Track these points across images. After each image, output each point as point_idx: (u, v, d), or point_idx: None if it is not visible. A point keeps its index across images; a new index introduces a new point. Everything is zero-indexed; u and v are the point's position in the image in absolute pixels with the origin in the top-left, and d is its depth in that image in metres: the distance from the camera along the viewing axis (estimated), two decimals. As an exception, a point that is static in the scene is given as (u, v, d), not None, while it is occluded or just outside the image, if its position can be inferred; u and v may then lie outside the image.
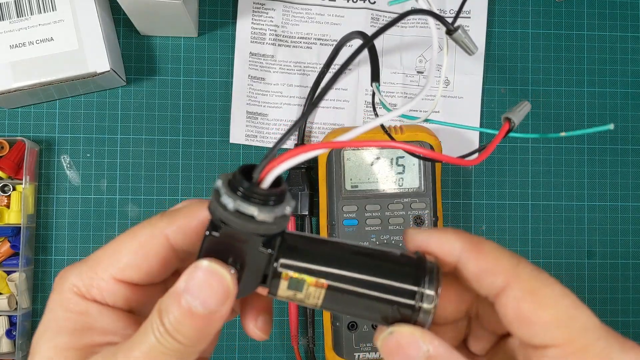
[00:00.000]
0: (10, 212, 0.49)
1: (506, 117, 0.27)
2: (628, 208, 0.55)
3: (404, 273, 0.21)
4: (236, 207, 0.20)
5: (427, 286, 0.21)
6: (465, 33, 0.29)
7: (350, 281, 0.21)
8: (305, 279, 0.21)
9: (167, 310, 0.21)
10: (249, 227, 0.20)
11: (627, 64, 0.56)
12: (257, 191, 0.20)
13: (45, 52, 0.47)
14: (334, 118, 0.54)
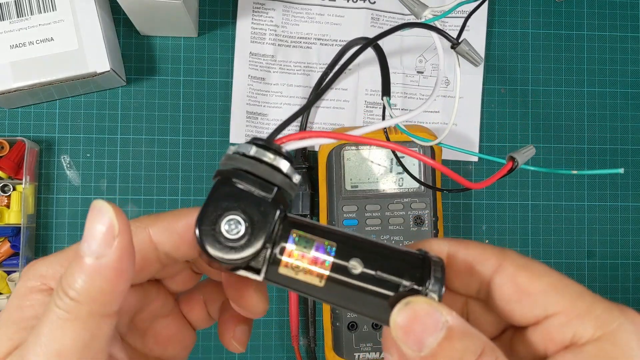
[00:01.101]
0: (10, 212, 0.49)
1: (511, 156, 0.29)
2: (628, 208, 0.55)
3: (410, 261, 0.21)
4: (256, 153, 0.20)
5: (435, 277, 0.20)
6: (468, 45, 0.30)
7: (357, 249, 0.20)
8: (314, 240, 0.20)
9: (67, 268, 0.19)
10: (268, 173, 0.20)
11: (627, 64, 0.56)
12: (274, 146, 0.20)
13: (45, 52, 0.47)
14: (334, 118, 0.54)
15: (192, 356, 0.52)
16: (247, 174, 0.20)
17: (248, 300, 0.23)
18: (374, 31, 0.54)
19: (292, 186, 0.21)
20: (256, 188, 0.20)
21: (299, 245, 0.20)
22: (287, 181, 0.20)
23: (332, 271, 0.20)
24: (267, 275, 0.20)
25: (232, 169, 0.20)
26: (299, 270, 0.20)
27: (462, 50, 0.30)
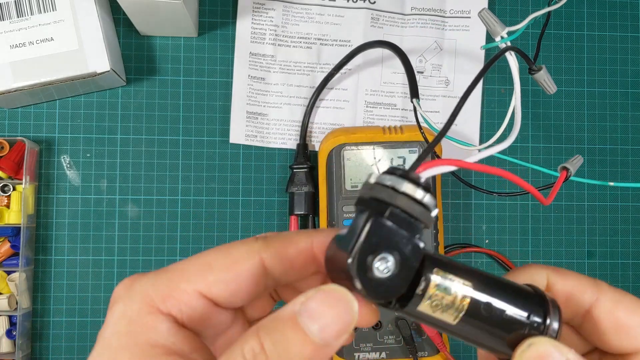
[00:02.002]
0: (10, 212, 0.49)
1: (564, 167, 0.31)
2: (628, 208, 0.55)
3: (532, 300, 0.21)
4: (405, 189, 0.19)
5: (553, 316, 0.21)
6: (547, 73, 0.31)
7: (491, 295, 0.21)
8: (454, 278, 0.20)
9: (274, 330, 0.18)
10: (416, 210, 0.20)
11: (627, 64, 0.56)
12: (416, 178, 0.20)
13: (45, 52, 0.47)
14: (334, 118, 0.54)
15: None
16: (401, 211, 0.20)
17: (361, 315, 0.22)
18: (374, 31, 0.54)
19: (432, 221, 0.21)
20: (407, 226, 0.20)
21: (441, 285, 0.20)
22: (431, 217, 0.20)
23: (467, 311, 0.20)
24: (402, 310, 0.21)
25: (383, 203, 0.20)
26: (437, 308, 0.20)
27: (540, 77, 0.31)
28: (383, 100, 0.54)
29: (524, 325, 0.21)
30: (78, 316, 0.51)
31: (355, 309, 0.19)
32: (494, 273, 0.56)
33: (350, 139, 0.48)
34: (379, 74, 0.54)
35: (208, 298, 0.21)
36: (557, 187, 0.30)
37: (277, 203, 0.53)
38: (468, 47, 0.54)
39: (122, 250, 0.52)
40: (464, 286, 0.20)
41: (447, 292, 0.20)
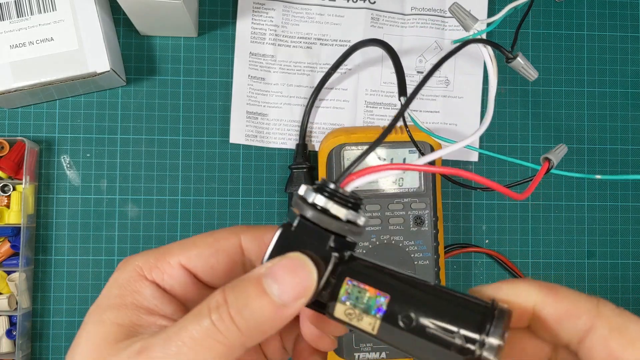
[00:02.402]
0: (10, 212, 0.49)
1: (546, 157, 0.29)
2: (628, 208, 0.55)
3: (469, 316, 0.20)
4: (315, 199, 0.21)
5: (492, 333, 0.19)
6: (524, 60, 0.30)
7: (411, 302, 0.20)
8: (365, 290, 0.21)
9: (239, 287, 0.20)
10: (325, 221, 0.21)
11: (627, 64, 0.56)
12: (335, 190, 0.21)
13: (45, 52, 0.47)
14: (334, 118, 0.54)
15: None
16: (307, 221, 0.21)
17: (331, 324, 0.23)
18: (374, 31, 0.54)
19: (352, 230, 0.21)
20: (317, 235, 0.21)
21: (352, 295, 0.21)
22: (346, 227, 0.21)
23: (382, 322, 0.20)
24: (328, 314, 0.22)
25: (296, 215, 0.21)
26: (352, 317, 0.21)
27: (517, 65, 0.30)
28: (383, 100, 0.54)
29: (451, 341, 0.19)
30: (78, 316, 0.51)
31: (314, 277, 0.20)
32: (494, 273, 0.57)
33: (350, 139, 0.48)
34: (379, 74, 0.54)
35: (189, 270, 0.24)
36: (538, 179, 0.28)
37: (277, 203, 0.53)
38: (468, 47, 0.54)
39: (122, 250, 0.52)
40: (377, 297, 0.20)
41: (359, 302, 0.20)
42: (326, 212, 0.21)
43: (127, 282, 0.23)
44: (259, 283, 0.20)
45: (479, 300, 0.21)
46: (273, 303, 0.20)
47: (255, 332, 0.20)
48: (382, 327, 0.20)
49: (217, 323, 0.20)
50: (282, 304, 0.20)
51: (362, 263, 0.22)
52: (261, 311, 0.20)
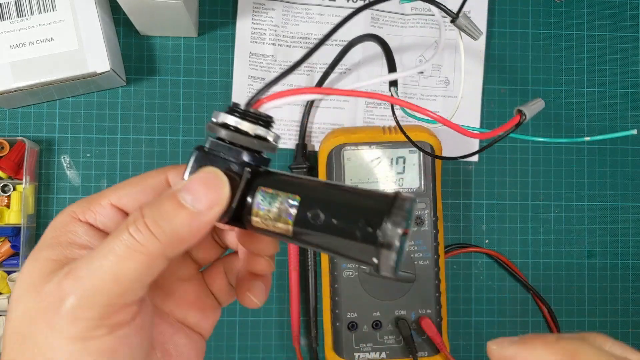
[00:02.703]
0: (10, 212, 0.49)
1: (518, 110, 0.27)
2: (628, 208, 0.55)
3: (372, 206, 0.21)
4: (224, 119, 0.23)
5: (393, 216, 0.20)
6: (467, 19, 0.30)
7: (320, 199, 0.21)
8: (277, 195, 0.22)
9: (155, 202, 0.21)
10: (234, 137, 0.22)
11: (627, 64, 0.56)
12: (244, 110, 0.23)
13: (45, 52, 0.47)
14: (334, 118, 0.54)
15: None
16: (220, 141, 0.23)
17: (261, 241, 0.25)
18: (374, 31, 0.54)
19: (262, 145, 0.23)
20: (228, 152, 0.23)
21: (265, 201, 0.22)
22: (255, 141, 0.23)
23: (295, 222, 0.21)
24: (249, 228, 0.23)
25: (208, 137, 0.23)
26: (268, 222, 0.22)
27: (460, 24, 0.30)
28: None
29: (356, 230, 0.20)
30: (78, 316, 0.51)
31: (225, 186, 0.22)
32: (494, 273, 0.57)
33: (350, 139, 0.48)
34: (379, 74, 0.54)
35: (119, 208, 0.25)
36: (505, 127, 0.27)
37: (277, 203, 0.53)
38: (468, 47, 0.54)
39: (122, 250, 0.52)
40: (288, 199, 0.21)
41: (272, 207, 0.22)
42: (236, 130, 0.23)
43: (61, 224, 0.24)
44: (174, 197, 0.21)
45: (383, 193, 0.22)
46: (187, 211, 0.21)
47: (174, 240, 0.21)
48: (296, 227, 0.21)
49: (135, 234, 0.21)
50: (196, 211, 0.21)
51: (276, 175, 0.23)
52: (177, 219, 0.21)
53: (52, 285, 0.21)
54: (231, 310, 0.52)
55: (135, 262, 0.21)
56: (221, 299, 0.29)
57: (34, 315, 0.21)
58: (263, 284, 0.27)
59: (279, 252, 0.27)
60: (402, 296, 0.48)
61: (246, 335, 0.52)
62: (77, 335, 0.20)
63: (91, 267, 0.21)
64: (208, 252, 0.29)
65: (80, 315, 0.20)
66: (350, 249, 0.21)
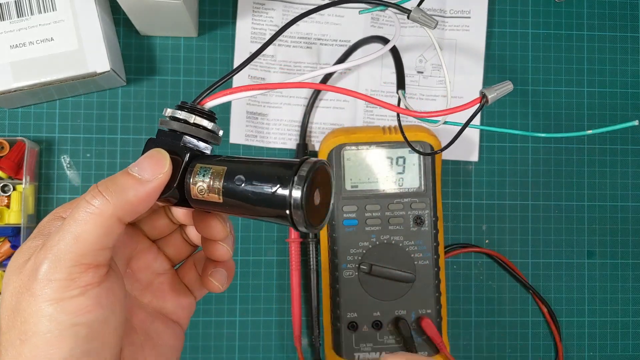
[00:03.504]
0: (10, 212, 0.49)
1: (481, 92, 0.28)
2: (628, 208, 0.55)
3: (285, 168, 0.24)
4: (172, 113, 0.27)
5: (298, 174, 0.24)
6: (419, 11, 0.31)
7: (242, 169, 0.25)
8: (210, 167, 0.26)
9: (107, 178, 0.25)
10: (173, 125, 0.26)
11: (627, 64, 0.56)
12: (192, 106, 0.27)
13: (45, 52, 0.47)
14: (334, 118, 0.54)
15: (192, 356, 0.53)
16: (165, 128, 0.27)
17: (211, 226, 0.28)
18: (374, 31, 0.54)
19: (199, 131, 0.27)
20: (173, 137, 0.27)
21: (199, 174, 0.26)
22: (193, 128, 0.26)
23: (223, 188, 0.25)
24: (192, 203, 0.27)
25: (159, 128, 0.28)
26: (203, 192, 0.26)
27: (414, 17, 0.31)
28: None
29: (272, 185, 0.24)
30: (78, 316, 0.51)
31: (166, 159, 0.25)
32: (494, 273, 0.57)
33: (350, 139, 0.48)
34: (379, 74, 0.54)
35: None
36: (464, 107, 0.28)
37: (277, 203, 0.53)
38: (468, 47, 0.54)
39: (122, 250, 0.52)
40: (219, 169, 0.25)
41: (205, 177, 0.26)
42: (175, 119, 0.27)
43: (45, 222, 0.26)
44: (124, 170, 0.25)
45: (295, 159, 0.25)
46: (134, 178, 0.25)
47: (123, 202, 0.24)
48: (224, 191, 0.25)
49: (89, 199, 0.24)
50: (141, 178, 0.25)
51: (211, 156, 0.27)
52: (125, 184, 0.25)
53: (31, 260, 0.24)
54: (231, 310, 0.52)
55: (92, 224, 0.24)
56: (194, 291, 0.32)
57: (19, 290, 0.24)
58: (224, 270, 0.30)
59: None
60: (402, 296, 0.48)
61: (246, 335, 0.52)
62: (52, 297, 0.23)
63: (57, 235, 0.24)
64: (179, 250, 0.32)
65: (52, 277, 0.23)
66: (267, 205, 0.24)
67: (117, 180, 0.25)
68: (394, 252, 0.48)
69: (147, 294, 0.31)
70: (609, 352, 0.55)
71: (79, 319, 0.24)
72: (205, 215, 0.29)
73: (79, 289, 0.24)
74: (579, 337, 0.55)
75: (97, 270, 0.24)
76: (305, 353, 0.52)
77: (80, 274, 0.24)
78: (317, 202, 0.25)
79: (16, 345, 0.23)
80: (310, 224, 0.24)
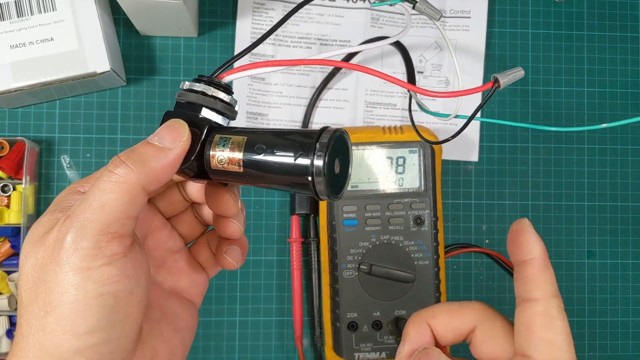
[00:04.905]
0: (10, 212, 0.49)
1: (494, 77, 0.28)
2: (628, 208, 0.55)
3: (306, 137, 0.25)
4: (190, 85, 0.28)
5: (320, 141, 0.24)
6: (424, 3, 0.31)
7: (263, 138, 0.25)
8: (230, 137, 0.26)
9: (128, 149, 0.25)
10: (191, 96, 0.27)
11: (627, 64, 0.56)
12: (208, 79, 0.28)
13: (45, 52, 0.47)
14: (334, 118, 0.54)
15: (192, 356, 0.53)
16: (182, 99, 0.27)
17: (223, 202, 0.28)
18: (374, 31, 0.54)
19: (215, 103, 0.27)
20: (191, 108, 0.27)
21: (219, 144, 0.26)
22: (211, 99, 0.27)
23: (244, 157, 0.25)
24: (211, 175, 0.26)
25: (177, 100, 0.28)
26: (223, 163, 0.26)
27: (420, 8, 0.32)
28: (383, 100, 0.54)
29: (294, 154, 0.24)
30: (78, 316, 0.51)
31: (185, 127, 0.25)
32: (494, 273, 0.57)
33: (350, 139, 0.48)
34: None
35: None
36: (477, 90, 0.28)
37: (277, 203, 0.53)
38: (468, 47, 0.54)
39: (122, 250, 0.52)
40: (239, 139, 0.25)
41: (225, 147, 0.25)
42: (192, 90, 0.27)
43: (62, 196, 0.26)
44: (144, 141, 0.25)
45: (315, 130, 0.25)
46: (155, 146, 0.25)
47: (146, 170, 0.24)
48: (245, 160, 0.25)
49: (113, 170, 0.24)
50: (161, 146, 0.25)
51: (230, 127, 0.27)
52: (146, 152, 0.25)
53: (54, 231, 0.24)
54: (231, 310, 0.52)
55: (117, 192, 0.24)
56: (207, 269, 0.33)
57: (42, 262, 0.24)
58: (238, 247, 0.30)
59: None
60: (402, 296, 0.48)
61: (246, 335, 0.52)
62: (79, 265, 0.23)
63: (82, 205, 0.24)
64: (192, 228, 0.33)
65: (79, 245, 0.23)
66: (289, 173, 0.24)
67: (139, 150, 0.25)
68: (394, 252, 0.48)
69: (162, 271, 0.31)
70: (609, 352, 0.55)
71: (106, 289, 0.23)
72: (217, 191, 0.28)
73: (106, 258, 0.24)
74: (579, 337, 0.55)
75: (123, 240, 0.24)
76: (305, 353, 0.52)
77: (107, 242, 0.24)
78: (337, 170, 0.25)
79: (40, 317, 0.23)
80: (332, 192, 0.24)
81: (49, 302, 0.23)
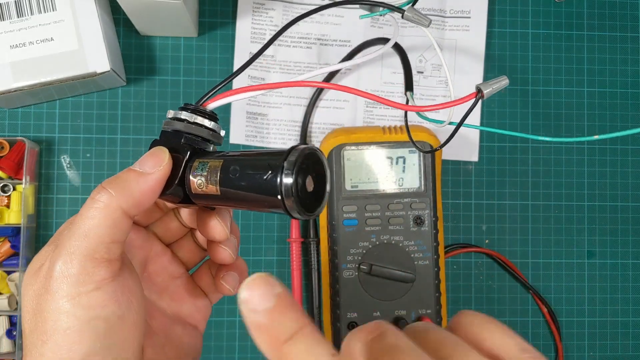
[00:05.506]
0: (10, 212, 0.49)
1: (477, 87, 0.29)
2: (628, 208, 0.55)
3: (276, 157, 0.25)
4: (175, 114, 0.28)
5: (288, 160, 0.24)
6: (412, 11, 0.32)
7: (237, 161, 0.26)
8: (208, 162, 0.27)
9: (112, 177, 0.26)
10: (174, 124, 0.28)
11: (627, 64, 0.56)
12: (193, 107, 0.28)
13: (45, 52, 0.47)
14: (334, 118, 0.54)
15: (192, 356, 0.52)
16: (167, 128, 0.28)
17: (210, 227, 0.29)
18: (374, 31, 0.54)
19: (198, 130, 0.28)
20: (174, 136, 0.28)
21: (198, 169, 0.27)
22: (193, 127, 0.28)
23: (220, 179, 0.26)
24: (193, 199, 0.27)
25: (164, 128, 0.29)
26: (202, 186, 0.26)
27: (408, 17, 0.32)
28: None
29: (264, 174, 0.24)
30: (78, 316, 0.51)
31: (165, 154, 0.26)
32: (494, 273, 0.57)
33: (350, 139, 0.48)
34: (379, 74, 0.54)
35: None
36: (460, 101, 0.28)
37: (277, 203, 0.53)
38: (468, 47, 0.54)
39: (122, 250, 0.52)
40: (216, 163, 0.26)
41: (203, 171, 0.26)
42: (177, 119, 0.28)
43: (61, 229, 0.27)
44: (128, 168, 0.26)
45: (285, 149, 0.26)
46: (136, 171, 0.26)
47: (127, 195, 0.25)
48: (221, 182, 0.26)
49: (93, 196, 0.25)
50: (142, 171, 0.26)
51: (210, 152, 0.28)
52: (127, 177, 0.26)
53: (46, 262, 0.25)
54: (231, 310, 0.52)
55: (99, 218, 0.24)
56: (209, 294, 0.33)
57: (38, 293, 0.24)
58: (235, 273, 0.31)
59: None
60: (402, 296, 0.48)
61: (246, 336, 0.52)
62: (69, 292, 0.24)
63: (69, 234, 0.25)
64: (192, 254, 0.33)
65: (67, 273, 0.24)
66: (261, 192, 0.25)
67: (121, 176, 0.26)
68: (394, 252, 0.48)
69: (164, 297, 0.31)
70: (609, 352, 0.55)
71: (96, 313, 0.24)
72: (205, 217, 0.29)
73: (94, 284, 0.24)
74: (579, 337, 0.55)
75: (110, 264, 0.25)
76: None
77: (94, 268, 0.24)
78: (310, 188, 0.25)
79: (38, 346, 0.24)
80: (304, 210, 0.24)
81: (44, 331, 0.24)
